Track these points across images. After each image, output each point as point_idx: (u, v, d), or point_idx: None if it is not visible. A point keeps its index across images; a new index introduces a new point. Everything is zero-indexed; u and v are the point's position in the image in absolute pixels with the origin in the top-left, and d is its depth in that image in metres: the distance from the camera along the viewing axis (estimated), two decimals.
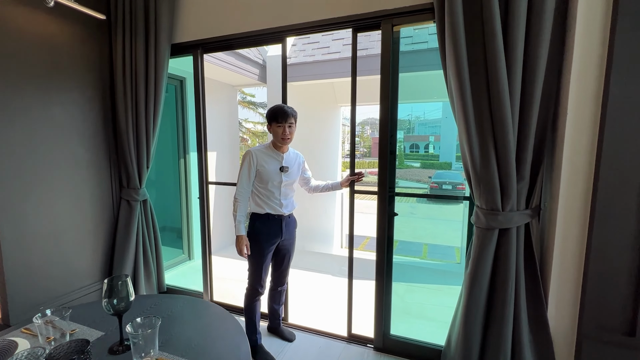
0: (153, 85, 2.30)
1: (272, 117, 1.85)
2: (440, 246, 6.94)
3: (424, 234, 7.82)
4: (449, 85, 1.53)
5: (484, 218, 1.48)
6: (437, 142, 29.56)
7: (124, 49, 2.30)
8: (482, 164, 1.45)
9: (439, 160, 26.46)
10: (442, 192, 12.16)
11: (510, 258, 1.45)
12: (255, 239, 1.90)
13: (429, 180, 13.20)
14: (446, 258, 6.17)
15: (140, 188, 2.46)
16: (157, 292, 2.64)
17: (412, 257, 6.01)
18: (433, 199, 12.30)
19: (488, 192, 1.45)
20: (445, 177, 13.27)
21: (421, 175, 19.25)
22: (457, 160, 27.01)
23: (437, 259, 6.15)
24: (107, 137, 2.42)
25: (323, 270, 3.61)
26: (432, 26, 3.12)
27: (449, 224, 8.23)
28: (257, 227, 1.90)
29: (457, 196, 1.76)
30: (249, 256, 1.93)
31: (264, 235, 1.90)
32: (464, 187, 12.44)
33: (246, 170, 1.86)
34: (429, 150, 30.52)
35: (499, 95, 1.35)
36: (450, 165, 24.95)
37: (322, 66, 3.68)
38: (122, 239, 2.44)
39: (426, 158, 28.15)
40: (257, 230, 1.90)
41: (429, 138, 30.49)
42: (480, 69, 1.40)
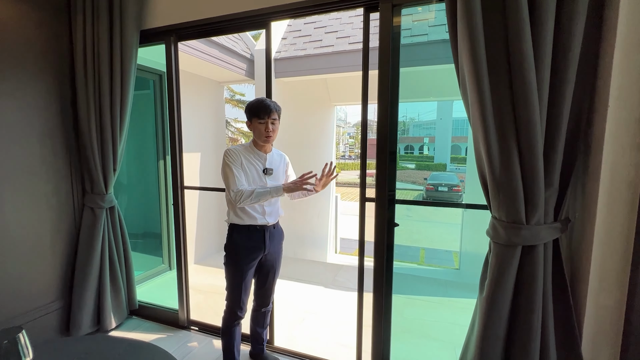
0: (119, 78, 2.02)
1: (252, 112, 1.60)
2: (438, 250, 6.72)
3: (421, 238, 7.60)
4: (461, 76, 1.28)
5: (504, 233, 1.22)
6: (432, 143, 29.62)
7: (85, 36, 2.01)
8: (503, 167, 1.19)
9: (433, 162, 26.47)
10: (439, 195, 11.99)
11: (536, 281, 1.20)
12: (233, 253, 1.63)
13: (425, 182, 13.02)
14: (444, 263, 5.95)
15: (106, 194, 2.16)
16: (126, 310, 2.34)
17: (410, 262, 5.77)
18: (429, 201, 12.13)
19: (509, 202, 1.20)
20: (441, 178, 13.09)
21: (416, 176, 19.13)
22: (451, 162, 27.12)
23: (435, 265, 5.92)
24: (66, 136, 2.12)
25: (315, 280, 3.34)
26: (437, 10, 2.85)
27: (446, 227, 8.02)
28: (235, 239, 1.63)
29: (474, 205, 1.52)
30: (227, 273, 1.66)
31: (244, 250, 1.63)
32: (460, 189, 12.28)
33: (233, 165, 1.57)
34: (424, 152, 30.54)
35: (524, 85, 1.11)
36: (445, 166, 25.01)
37: (314, 60, 3.42)
38: (85, 251, 2.14)
39: (421, 159, 28.13)
40: (236, 244, 1.63)
41: (424, 139, 30.54)
42: (501, 54, 1.15)
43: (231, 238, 1.64)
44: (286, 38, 3.78)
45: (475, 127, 1.24)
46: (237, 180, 1.56)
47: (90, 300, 2.15)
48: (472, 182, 5.00)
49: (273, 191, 1.57)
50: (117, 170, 2.17)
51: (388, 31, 1.60)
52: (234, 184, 1.55)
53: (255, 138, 1.64)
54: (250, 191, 1.54)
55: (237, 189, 1.54)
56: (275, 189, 1.58)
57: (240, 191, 1.54)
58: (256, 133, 1.61)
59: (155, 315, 2.40)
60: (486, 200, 1.32)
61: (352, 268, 3.67)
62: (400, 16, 1.62)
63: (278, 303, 2.80)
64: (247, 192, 1.53)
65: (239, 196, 1.53)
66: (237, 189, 1.54)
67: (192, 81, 3.69)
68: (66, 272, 2.16)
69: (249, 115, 1.61)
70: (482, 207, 1.73)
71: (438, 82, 4.56)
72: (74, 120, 2.13)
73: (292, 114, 4.17)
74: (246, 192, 1.53)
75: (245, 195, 1.53)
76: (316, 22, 3.81)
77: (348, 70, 3.32)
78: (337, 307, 2.77)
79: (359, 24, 3.48)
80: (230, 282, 1.65)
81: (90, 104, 2.04)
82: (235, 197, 1.54)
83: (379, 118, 1.65)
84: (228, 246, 1.65)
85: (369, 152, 1.79)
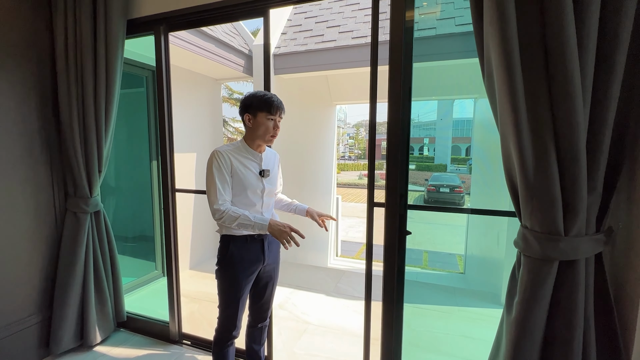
0: (104, 71, 1.85)
1: (261, 106, 1.40)
2: (441, 253, 6.56)
3: (423, 240, 7.43)
4: (486, 66, 1.13)
5: (538, 245, 1.06)
6: (432, 144, 29.49)
7: (66, 25, 1.85)
8: (537, 169, 1.03)
9: (434, 162, 26.34)
10: (441, 196, 11.83)
11: (576, 303, 1.03)
12: (229, 268, 1.45)
13: (426, 183, 12.86)
14: (449, 267, 5.78)
15: (90, 197, 1.99)
16: (113, 323, 2.17)
17: (412, 266, 5.60)
18: (432, 201, 11.97)
19: (545, 209, 1.04)
20: (442, 179, 12.95)
21: (416, 177, 18.99)
22: (452, 163, 27.00)
23: (439, 269, 5.75)
24: (47, 135, 1.95)
25: (315, 287, 3.17)
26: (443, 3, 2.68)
27: (450, 228, 7.86)
28: (231, 252, 1.45)
29: (498, 211, 1.36)
30: (220, 288, 1.48)
31: (241, 264, 1.45)
32: (462, 190, 12.12)
33: (218, 173, 1.37)
34: (424, 152, 30.41)
35: (565, 76, 0.94)
36: (446, 167, 24.88)
37: (315, 56, 3.26)
38: (67, 260, 1.97)
39: (421, 160, 27.99)
40: (231, 258, 1.45)
41: (424, 140, 30.41)
42: (535, 39, 1.00)
43: (226, 250, 1.46)
44: (286, 33, 3.62)
45: (503, 124, 1.08)
46: (219, 193, 1.36)
47: (73, 313, 1.97)
48: (477, 184, 4.84)
49: (257, 226, 1.36)
50: (103, 171, 2.00)
51: (400, 21, 1.43)
52: (215, 197, 1.36)
53: (255, 135, 1.44)
54: (235, 217, 1.34)
55: (219, 208, 1.34)
56: (260, 225, 1.36)
57: (221, 212, 1.34)
58: (261, 130, 1.42)
59: (144, 328, 2.22)
60: (514, 207, 1.16)
61: (355, 274, 3.51)
62: (413, 8, 1.45)
63: (276, 313, 2.63)
64: (231, 218, 1.34)
65: (218, 216, 1.35)
66: (218, 207, 1.35)
67: (187, 77, 3.52)
68: (46, 283, 1.98)
69: (255, 108, 1.40)
70: (498, 214, 1.58)
71: (440, 80, 4.41)
72: (54, 117, 1.96)
73: (291, 112, 4.00)
74: (229, 217, 1.34)
75: (227, 219, 1.34)
76: (317, 16, 3.64)
77: (351, 67, 3.16)
78: (339, 317, 2.60)
79: (362, 18, 3.32)
80: (225, 298, 1.47)
81: (73, 100, 1.88)
82: (214, 214, 1.35)
83: (390, 117, 1.48)
84: (223, 259, 1.47)
85: (371, 150, 1.61)
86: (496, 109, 1.13)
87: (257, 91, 1.44)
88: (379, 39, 1.49)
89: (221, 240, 1.49)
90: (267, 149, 1.58)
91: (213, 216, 1.37)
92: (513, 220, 1.26)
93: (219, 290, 1.49)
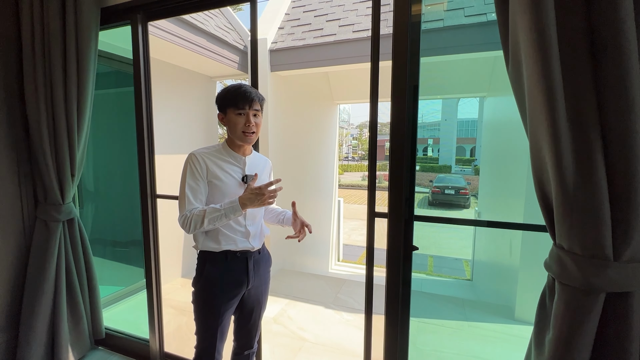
0: (74, 64, 1.67)
1: (227, 101, 1.21)
2: (447, 258, 6.32)
3: (428, 244, 7.20)
4: (512, 55, 0.93)
5: (579, 272, 0.85)
6: (436, 144, 29.18)
7: (33, 14, 1.66)
8: (580, 179, 0.82)
9: (438, 164, 26.03)
10: (446, 198, 11.58)
11: (629, 349, 0.82)
12: (205, 291, 1.25)
13: (431, 184, 12.61)
14: (455, 273, 5.55)
15: (63, 204, 1.81)
16: (90, 341, 1.98)
17: (417, 272, 5.38)
18: (437, 203, 11.72)
19: (588, 226, 0.83)
20: (447, 181, 12.70)
21: (421, 178, 18.73)
22: (456, 164, 26.72)
23: (445, 275, 5.52)
24: (13, 135, 1.77)
25: (314, 298, 2.97)
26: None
27: (456, 231, 7.62)
28: (208, 272, 1.24)
29: (517, 224, 1.17)
30: (196, 315, 1.28)
31: (220, 286, 1.24)
32: (468, 192, 11.86)
33: (190, 179, 1.19)
34: (428, 153, 30.10)
35: (618, 71, 0.75)
36: (450, 168, 24.59)
37: (314, 51, 3.06)
38: (36, 273, 1.78)
39: (425, 161, 27.70)
40: (209, 278, 1.24)
41: (428, 141, 30.11)
42: (578, 27, 0.80)
43: (201, 270, 1.26)
44: (283, 27, 3.42)
45: (535, 124, 0.87)
46: (187, 202, 1.17)
47: (42, 332, 1.79)
48: (485, 186, 4.61)
49: (228, 209, 1.14)
50: (77, 176, 1.82)
51: (405, 11, 1.23)
52: (183, 206, 1.17)
53: (230, 135, 1.26)
54: (200, 215, 1.13)
55: (184, 214, 1.15)
56: (230, 207, 1.14)
57: (184, 217, 1.14)
58: (232, 128, 1.22)
59: (124, 347, 2.04)
60: (546, 222, 0.95)
61: (356, 283, 3.30)
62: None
63: (270, 328, 2.43)
64: (196, 217, 1.13)
65: (182, 222, 1.15)
66: (184, 214, 1.16)
67: (179, 75, 3.34)
68: (13, 298, 1.80)
69: (222, 104, 1.23)
70: (517, 227, 1.37)
71: (445, 77, 4.19)
72: (22, 114, 1.78)
73: (290, 112, 3.81)
74: (194, 218, 1.13)
75: (194, 221, 1.13)
76: (317, 9, 3.45)
77: (352, 62, 2.96)
78: (339, 333, 2.40)
79: (364, 10, 3.12)
80: (201, 327, 1.27)
81: (40, 96, 1.69)
82: (182, 224, 1.15)
83: (394, 117, 1.28)
84: (199, 280, 1.26)
85: (372, 154, 1.40)
86: (525, 107, 0.92)
87: (223, 89, 1.25)
88: (383, 33, 1.29)
89: (198, 257, 1.29)
90: (257, 154, 1.39)
91: (181, 227, 1.17)
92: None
93: (195, 317, 1.29)
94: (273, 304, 2.83)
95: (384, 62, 1.32)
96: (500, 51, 1.00)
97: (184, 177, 1.20)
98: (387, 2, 2.15)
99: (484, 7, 2.49)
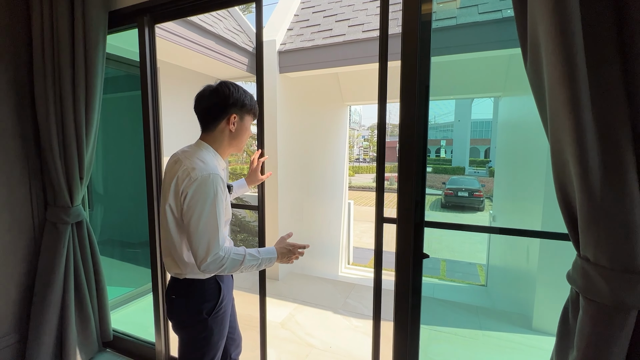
0: (83, 67, 1.67)
1: (249, 107, 1.12)
2: (460, 263, 6.16)
3: (440, 248, 7.05)
4: (531, 49, 0.86)
5: (607, 286, 0.77)
6: (449, 146, 28.68)
7: (43, 15, 1.68)
8: (608, 183, 0.75)
9: (451, 165, 25.58)
10: (459, 200, 11.33)
11: None
12: (221, 316, 1.16)
13: (443, 186, 12.38)
14: (469, 278, 5.39)
15: (71, 207, 1.82)
16: (98, 343, 1.99)
17: (429, 276, 5.26)
18: (449, 206, 11.49)
19: (618, 237, 0.75)
20: (460, 183, 12.43)
21: (433, 180, 18.43)
22: (470, 165, 26.19)
23: (458, 280, 5.37)
24: (24, 137, 1.79)
25: (322, 303, 2.91)
26: None
27: (469, 235, 7.43)
28: (224, 297, 1.16)
29: (536, 232, 1.09)
30: (205, 344, 1.15)
31: (228, 301, 1.21)
32: (482, 194, 11.58)
33: (220, 207, 1.03)
34: (440, 155, 29.61)
35: None
36: (464, 170, 24.11)
37: (323, 52, 3.02)
38: (45, 274, 1.80)
39: (438, 162, 27.26)
40: (223, 302, 1.16)
41: (441, 142, 29.63)
42: (606, 21, 0.73)
43: (218, 295, 1.14)
44: (292, 29, 3.40)
45: (557, 126, 0.80)
46: (220, 236, 1.01)
47: (51, 333, 1.80)
48: (501, 188, 4.46)
49: (265, 260, 1.07)
50: (85, 178, 1.83)
51: (415, 8, 1.18)
52: (216, 241, 0.99)
53: (235, 143, 1.14)
54: (237, 258, 1.01)
55: (218, 254, 0.99)
56: (268, 259, 1.07)
57: (221, 258, 0.99)
58: (241, 135, 1.14)
59: (130, 350, 2.03)
60: (569, 231, 0.87)
61: (365, 288, 3.23)
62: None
63: (277, 333, 2.39)
64: (232, 260, 1.00)
65: (217, 264, 0.99)
66: (217, 253, 0.99)
67: (187, 77, 3.36)
68: (23, 300, 1.82)
69: (243, 107, 1.10)
70: (536, 235, 1.28)
71: (458, 77, 4.08)
72: (32, 118, 1.80)
73: (299, 114, 3.78)
74: (230, 260, 1.00)
75: (230, 264, 1.00)
76: (326, 10, 3.41)
77: (362, 62, 2.90)
78: (347, 340, 2.34)
79: (374, 10, 3.06)
80: (210, 352, 1.15)
81: (50, 99, 1.71)
82: (212, 264, 0.98)
83: (403, 119, 1.22)
84: (219, 307, 1.14)
85: (380, 157, 1.35)
86: (545, 107, 0.86)
87: (237, 86, 1.13)
88: (394, 32, 1.24)
89: (204, 283, 1.13)
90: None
91: (206, 269, 0.99)
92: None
93: (199, 346, 1.15)
94: (280, 308, 2.79)
95: (394, 62, 1.26)
96: (517, 49, 0.94)
97: (210, 204, 1.00)
98: (397, 1, 2.10)
99: (499, 3, 2.40)
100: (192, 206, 0.99)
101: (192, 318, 1.11)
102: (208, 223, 0.99)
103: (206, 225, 0.98)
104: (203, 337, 1.13)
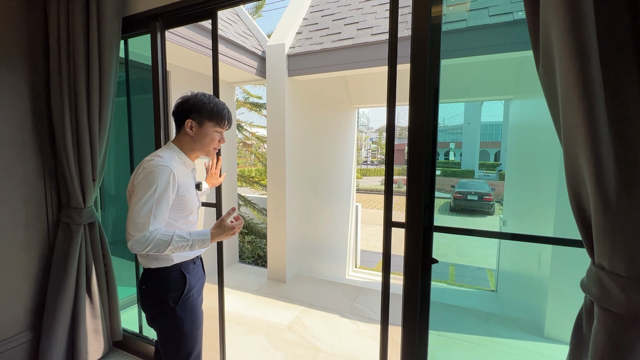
0: (97, 72, 1.71)
1: (209, 114, 1.17)
2: (470, 267, 6.06)
3: (449, 252, 6.96)
4: (543, 50, 0.85)
5: (624, 296, 0.75)
6: (458, 148, 28.36)
7: (59, 23, 1.73)
8: (623, 188, 0.73)
9: (460, 168, 25.28)
10: (468, 204, 11.19)
11: None
12: (189, 305, 1.20)
13: (452, 190, 12.24)
14: (478, 283, 5.31)
15: (84, 208, 1.86)
16: (108, 343, 2.02)
17: (438, 281, 5.19)
18: (459, 209, 11.35)
19: (634, 244, 0.73)
20: (469, 186, 12.27)
21: (442, 183, 18.26)
22: (479, 168, 25.84)
23: (467, 285, 5.29)
24: (39, 139, 1.84)
25: (329, 306, 2.90)
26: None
27: (478, 240, 7.32)
28: (190, 286, 1.20)
29: (549, 238, 1.07)
30: (177, 337, 1.18)
31: (198, 293, 1.27)
32: (491, 198, 11.40)
33: (162, 194, 1.07)
34: (449, 158, 29.29)
35: None
36: (473, 173, 23.80)
37: (332, 55, 3.03)
38: (58, 274, 1.84)
39: (447, 165, 26.97)
40: (190, 291, 1.20)
41: (450, 145, 29.33)
42: (621, 20, 0.72)
43: (183, 283, 1.18)
44: (301, 32, 3.42)
45: (570, 129, 0.79)
46: (152, 220, 1.05)
47: (63, 332, 1.83)
48: (511, 192, 4.39)
49: (197, 241, 1.10)
50: (98, 180, 1.86)
51: (425, 10, 1.17)
52: (146, 224, 1.04)
53: (197, 146, 1.20)
54: (164, 238, 1.04)
55: (144, 235, 1.03)
56: (200, 240, 1.10)
57: (146, 238, 1.03)
58: (206, 141, 1.19)
59: (139, 349, 2.06)
60: (583, 238, 0.86)
61: (373, 292, 3.20)
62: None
63: (284, 336, 2.39)
64: (158, 240, 1.03)
65: (143, 244, 1.02)
66: (143, 235, 1.03)
67: (197, 81, 3.40)
68: (37, 299, 1.86)
69: (204, 116, 1.17)
70: (549, 242, 1.25)
71: (468, 79, 4.04)
72: (48, 121, 1.85)
73: (308, 116, 3.80)
74: (156, 240, 1.03)
75: (155, 243, 1.03)
76: (335, 13, 3.42)
77: (371, 65, 2.90)
78: (354, 344, 2.32)
79: (383, 13, 3.06)
80: (188, 345, 1.19)
81: (65, 103, 1.75)
82: (136, 244, 1.02)
83: (412, 122, 1.22)
84: (185, 296, 1.17)
85: (389, 160, 1.34)
86: (557, 110, 0.85)
87: (203, 94, 1.20)
88: (404, 35, 1.24)
89: (168, 272, 1.17)
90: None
91: (132, 248, 1.04)
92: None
93: (173, 337, 1.18)
94: (287, 310, 2.79)
95: (404, 64, 1.26)
96: (528, 51, 0.93)
97: (150, 190, 1.05)
98: (407, 4, 2.08)
99: (510, 5, 2.37)
100: (136, 191, 1.07)
101: (159, 307, 1.16)
102: (143, 207, 1.05)
103: (140, 208, 1.04)
104: (174, 326, 1.17)
